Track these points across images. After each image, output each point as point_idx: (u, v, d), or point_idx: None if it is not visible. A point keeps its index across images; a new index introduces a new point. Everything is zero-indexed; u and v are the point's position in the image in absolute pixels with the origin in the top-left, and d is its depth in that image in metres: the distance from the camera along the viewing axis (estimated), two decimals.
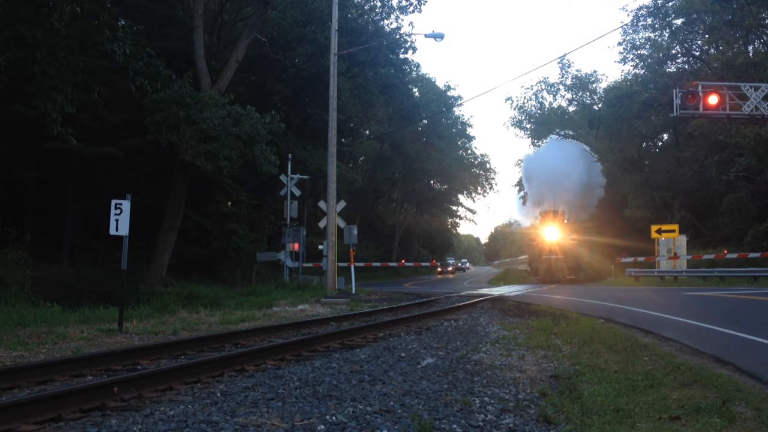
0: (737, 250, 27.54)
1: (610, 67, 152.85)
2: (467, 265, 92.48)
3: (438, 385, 5.96)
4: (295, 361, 7.49)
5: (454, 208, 73.14)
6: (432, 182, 63.08)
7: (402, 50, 32.23)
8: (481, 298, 18.24)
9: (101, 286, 17.50)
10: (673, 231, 28.24)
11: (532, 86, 51.54)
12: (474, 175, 65.33)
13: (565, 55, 61.00)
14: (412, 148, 50.44)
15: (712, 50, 36.49)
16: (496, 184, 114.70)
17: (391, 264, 43.76)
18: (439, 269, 62.00)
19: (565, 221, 40.37)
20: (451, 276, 60.66)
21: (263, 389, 5.75)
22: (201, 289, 20.31)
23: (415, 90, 49.71)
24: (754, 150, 28.23)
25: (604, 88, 47.62)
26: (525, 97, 51.17)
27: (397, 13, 30.24)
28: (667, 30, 36.54)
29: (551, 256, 36.87)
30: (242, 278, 27.29)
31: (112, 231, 10.45)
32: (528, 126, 52.80)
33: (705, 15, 32.71)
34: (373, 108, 36.35)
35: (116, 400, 5.26)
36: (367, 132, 44.74)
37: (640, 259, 29.85)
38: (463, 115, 62.83)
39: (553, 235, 37.57)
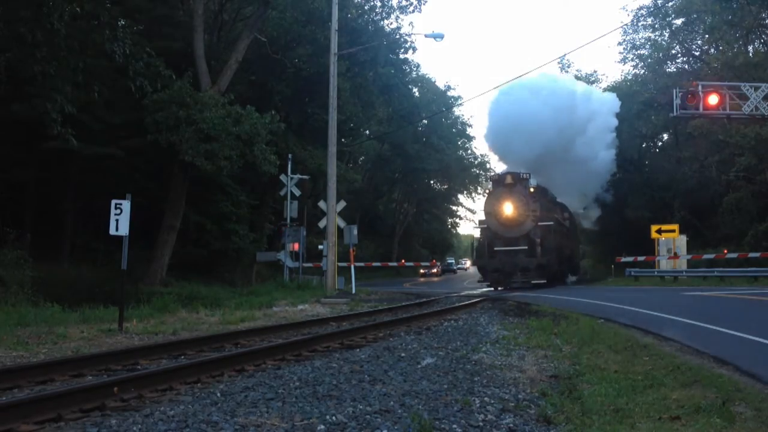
0: (737, 250, 27.49)
1: (610, 67, 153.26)
2: (467, 264, 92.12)
3: (438, 385, 5.95)
4: (295, 361, 7.49)
5: (454, 208, 73.28)
6: (432, 182, 63.08)
7: (402, 50, 32.28)
8: (481, 298, 18.26)
9: (101, 286, 17.48)
10: (673, 231, 28.19)
11: None
12: (474, 175, 65.40)
13: (565, 55, 61.14)
14: (412, 148, 50.41)
15: (712, 50, 36.50)
16: None
17: (391, 264, 43.59)
18: (421, 270, 51.02)
19: (531, 190, 24.89)
20: (435, 279, 48.69)
21: (263, 389, 5.75)
22: (201, 289, 20.32)
23: (415, 90, 49.74)
24: (754, 150, 28.22)
25: (604, 88, 47.70)
26: None
27: (397, 13, 30.31)
28: (667, 30, 36.65)
29: (507, 247, 24.18)
30: (242, 278, 27.30)
31: (112, 231, 10.46)
32: None
33: (705, 15, 32.75)
34: (373, 108, 36.31)
35: (116, 400, 5.27)
36: (367, 132, 44.69)
37: (640, 258, 29.82)
38: (463, 115, 62.96)
39: (509, 210, 24.02)
